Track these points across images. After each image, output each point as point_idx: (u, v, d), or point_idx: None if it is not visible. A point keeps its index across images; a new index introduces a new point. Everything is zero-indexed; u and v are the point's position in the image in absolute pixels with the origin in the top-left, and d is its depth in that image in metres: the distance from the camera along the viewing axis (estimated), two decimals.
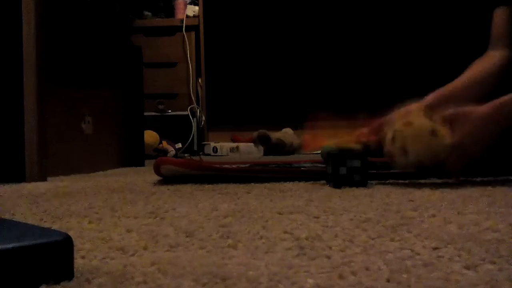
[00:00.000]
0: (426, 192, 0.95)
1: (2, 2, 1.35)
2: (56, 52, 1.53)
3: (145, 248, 0.55)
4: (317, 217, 0.71)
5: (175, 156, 2.46)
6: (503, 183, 1.08)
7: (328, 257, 0.49)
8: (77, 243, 0.56)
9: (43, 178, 1.35)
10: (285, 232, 0.61)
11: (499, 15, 1.32)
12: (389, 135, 1.05)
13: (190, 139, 3.02)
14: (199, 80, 3.09)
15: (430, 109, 1.04)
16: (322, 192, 0.98)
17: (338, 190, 1.00)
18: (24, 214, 0.80)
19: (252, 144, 2.58)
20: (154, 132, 2.52)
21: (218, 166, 1.28)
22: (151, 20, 3.17)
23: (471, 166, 1.11)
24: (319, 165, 1.32)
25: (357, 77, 2.90)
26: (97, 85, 1.77)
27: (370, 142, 1.12)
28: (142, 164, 1.98)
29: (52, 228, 0.63)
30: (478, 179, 1.15)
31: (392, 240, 0.56)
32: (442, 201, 0.84)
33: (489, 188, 0.99)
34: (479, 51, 1.33)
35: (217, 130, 3.03)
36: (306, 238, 0.58)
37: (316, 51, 2.96)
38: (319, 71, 2.96)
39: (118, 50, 1.94)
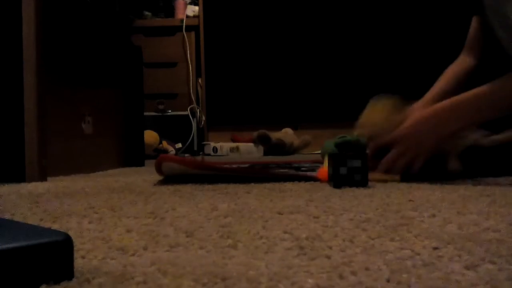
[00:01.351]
0: (426, 192, 0.95)
1: (2, 2, 1.35)
2: (56, 52, 1.53)
3: (145, 248, 0.55)
4: (317, 217, 0.71)
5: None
6: (503, 183, 1.08)
7: (328, 257, 0.49)
8: (77, 243, 0.56)
9: (43, 178, 1.34)
10: (285, 232, 0.61)
11: (473, 23, 1.40)
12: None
13: (190, 139, 3.02)
14: (199, 80, 3.09)
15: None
16: (322, 192, 0.98)
17: (338, 190, 1.00)
18: (24, 214, 0.80)
19: (252, 144, 2.58)
20: (154, 132, 2.52)
21: (218, 166, 1.28)
22: (151, 20, 3.17)
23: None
24: (319, 165, 1.32)
25: (358, 77, 2.90)
26: (97, 85, 1.77)
27: None
28: (142, 164, 1.98)
29: (52, 228, 0.63)
30: (478, 179, 1.15)
31: (392, 240, 0.56)
32: (442, 201, 0.84)
33: (489, 188, 0.99)
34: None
35: (217, 130, 3.03)
36: (306, 238, 0.58)
37: (316, 51, 2.96)
38: (319, 71, 2.95)
39: (118, 50, 1.94)
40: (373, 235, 0.58)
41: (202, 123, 3.06)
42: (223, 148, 2.71)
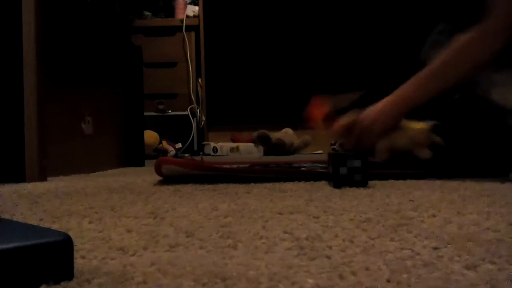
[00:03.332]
0: (426, 192, 0.95)
1: (2, 2, 1.35)
2: (56, 52, 1.53)
3: (145, 248, 0.55)
4: (317, 217, 0.71)
5: (175, 156, 2.46)
6: (503, 183, 1.08)
7: (328, 257, 0.49)
8: (77, 243, 0.56)
9: (43, 178, 1.34)
10: (285, 232, 0.61)
11: None
12: None
13: (190, 139, 3.02)
14: (199, 80, 3.09)
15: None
16: (322, 192, 0.98)
17: (338, 190, 1.00)
18: (24, 214, 0.80)
19: (252, 144, 2.58)
20: (154, 132, 2.52)
21: (218, 166, 1.28)
22: (151, 20, 3.17)
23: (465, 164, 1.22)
24: (319, 165, 1.33)
25: (358, 78, 2.90)
26: (97, 85, 1.77)
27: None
28: (142, 164, 1.98)
29: (52, 228, 0.63)
30: (478, 179, 1.15)
31: (392, 240, 0.56)
32: (442, 201, 0.84)
33: (489, 188, 0.99)
34: None
35: (217, 130, 3.03)
36: (306, 238, 0.57)
37: (316, 51, 2.96)
38: (319, 71, 2.96)
39: (118, 50, 1.94)
40: (373, 235, 0.58)
41: (202, 123, 3.06)
42: (223, 148, 2.71)
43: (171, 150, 2.57)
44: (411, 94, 1.24)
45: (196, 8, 3.11)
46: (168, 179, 1.24)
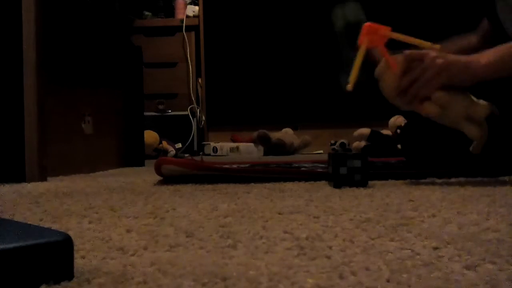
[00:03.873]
0: (426, 192, 0.95)
1: (2, 2, 1.35)
2: (56, 52, 1.53)
3: (145, 248, 0.55)
4: (317, 217, 0.71)
5: (175, 156, 2.46)
6: (503, 183, 1.08)
7: (328, 257, 0.49)
8: (77, 243, 0.56)
9: (43, 178, 1.34)
10: (285, 232, 0.61)
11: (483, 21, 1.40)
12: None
13: (190, 139, 3.02)
14: (199, 80, 3.09)
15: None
16: (322, 192, 0.98)
17: (338, 190, 1.00)
18: (24, 214, 0.80)
19: (252, 144, 2.58)
20: (154, 132, 2.52)
21: (218, 166, 1.28)
22: (151, 20, 3.16)
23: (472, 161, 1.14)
24: (319, 165, 1.33)
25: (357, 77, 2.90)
26: (97, 85, 1.77)
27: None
28: (142, 164, 1.98)
29: (52, 228, 0.63)
30: (478, 179, 1.15)
31: (392, 240, 0.56)
32: (442, 201, 0.84)
33: (489, 188, 0.99)
34: None
35: (217, 130, 3.02)
36: (306, 238, 0.58)
37: (316, 51, 2.96)
38: (319, 71, 2.95)
39: (118, 50, 1.94)
40: (373, 235, 0.58)
41: (202, 123, 3.06)
42: (223, 148, 2.71)
43: (171, 150, 2.57)
44: (494, 65, 1.06)
45: (196, 8, 3.11)
46: (168, 179, 1.24)
